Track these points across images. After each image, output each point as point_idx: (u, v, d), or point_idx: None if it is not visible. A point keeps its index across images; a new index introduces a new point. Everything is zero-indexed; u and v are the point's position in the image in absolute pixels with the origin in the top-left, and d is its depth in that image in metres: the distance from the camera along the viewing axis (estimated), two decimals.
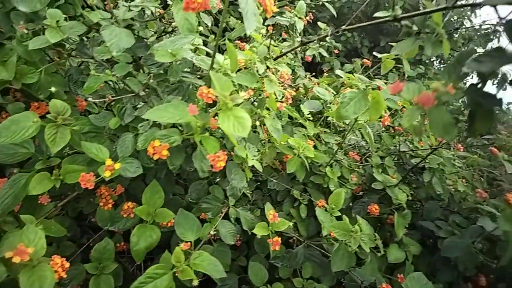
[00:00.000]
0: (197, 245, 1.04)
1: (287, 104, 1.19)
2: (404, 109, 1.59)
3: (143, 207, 1.00)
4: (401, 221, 1.26)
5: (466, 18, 3.13)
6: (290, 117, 1.56)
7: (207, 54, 1.00)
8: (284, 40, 2.17)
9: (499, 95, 0.52)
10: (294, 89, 1.79)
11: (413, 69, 2.58)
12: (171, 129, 0.83)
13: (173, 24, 1.10)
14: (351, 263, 1.01)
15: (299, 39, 2.13)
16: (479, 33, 3.12)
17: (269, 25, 1.06)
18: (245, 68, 1.00)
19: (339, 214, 1.22)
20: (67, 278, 1.09)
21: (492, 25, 3.13)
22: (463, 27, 3.05)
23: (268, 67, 1.00)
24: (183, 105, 0.78)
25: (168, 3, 1.33)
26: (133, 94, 0.89)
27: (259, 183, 1.42)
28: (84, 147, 0.88)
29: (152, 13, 0.95)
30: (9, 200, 0.85)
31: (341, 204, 1.22)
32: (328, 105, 1.57)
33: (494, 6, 0.56)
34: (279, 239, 1.11)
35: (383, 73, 1.59)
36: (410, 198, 1.35)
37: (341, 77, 1.37)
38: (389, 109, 1.68)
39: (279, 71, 1.12)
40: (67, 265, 0.77)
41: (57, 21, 0.84)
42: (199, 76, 1.04)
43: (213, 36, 1.09)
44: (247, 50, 1.00)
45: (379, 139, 1.68)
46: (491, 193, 1.57)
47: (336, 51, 2.71)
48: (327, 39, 2.09)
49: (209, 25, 1.21)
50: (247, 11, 0.76)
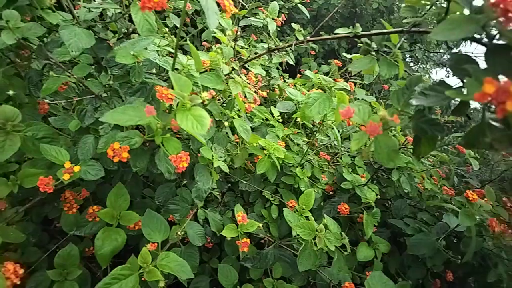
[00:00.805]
0: (165, 247, 1.03)
1: (255, 105, 1.19)
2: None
3: (107, 210, 0.99)
4: (370, 220, 1.28)
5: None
6: (267, 119, 1.57)
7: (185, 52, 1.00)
8: (261, 41, 2.18)
9: None
10: (267, 90, 1.80)
11: None
12: (132, 131, 0.82)
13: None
14: (318, 262, 1.02)
15: (272, 42, 2.15)
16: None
17: (237, 27, 1.06)
18: (211, 69, 1.00)
19: (309, 214, 1.23)
20: (32, 285, 1.06)
21: (441, 53, 3.21)
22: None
23: (233, 69, 1.00)
24: (143, 106, 0.77)
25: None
26: (93, 95, 0.87)
27: (230, 185, 1.41)
28: (42, 150, 0.86)
29: (114, 15, 0.93)
30: None
31: (311, 204, 1.23)
32: (300, 106, 1.58)
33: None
34: (248, 240, 1.11)
35: (354, 73, 1.61)
36: (379, 197, 1.37)
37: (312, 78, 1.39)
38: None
39: (249, 72, 1.12)
40: (21, 271, 0.75)
41: (8, 21, 0.82)
42: (165, 77, 1.03)
43: (173, 37, 1.08)
44: (212, 51, 1.00)
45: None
46: (460, 190, 1.61)
47: (312, 52, 2.74)
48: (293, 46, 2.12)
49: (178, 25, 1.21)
50: (208, 9, 0.76)
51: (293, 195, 1.38)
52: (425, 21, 0.74)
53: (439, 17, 0.61)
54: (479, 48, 0.52)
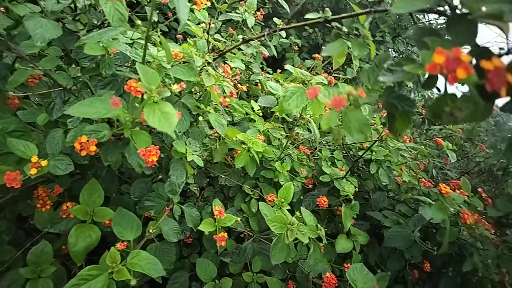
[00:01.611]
0: (139, 244, 1.02)
1: (232, 98, 1.18)
2: None
3: (79, 206, 0.97)
4: (348, 213, 1.29)
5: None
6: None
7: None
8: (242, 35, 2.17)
9: None
10: (247, 85, 1.79)
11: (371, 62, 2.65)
12: (100, 124, 0.80)
13: None
14: (298, 255, 1.02)
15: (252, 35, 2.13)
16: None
17: (216, 21, 1.05)
18: (185, 62, 0.99)
19: (288, 207, 1.23)
20: (5, 283, 1.04)
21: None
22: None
23: (208, 62, 0.99)
24: (110, 99, 0.76)
25: None
26: (61, 88, 0.85)
27: (209, 180, 1.41)
28: (10, 145, 0.84)
29: (84, 6, 0.91)
30: None
31: (290, 197, 1.24)
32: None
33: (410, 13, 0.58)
34: (226, 234, 1.11)
35: (335, 68, 1.62)
36: (357, 189, 1.38)
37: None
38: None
39: (225, 65, 1.11)
40: None
41: None
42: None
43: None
44: (185, 44, 0.99)
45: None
46: (439, 182, 1.63)
47: (296, 47, 2.74)
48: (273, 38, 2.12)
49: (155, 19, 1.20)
50: (178, 1, 0.75)
51: (273, 189, 1.38)
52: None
53: None
54: None
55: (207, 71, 0.91)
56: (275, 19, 2.11)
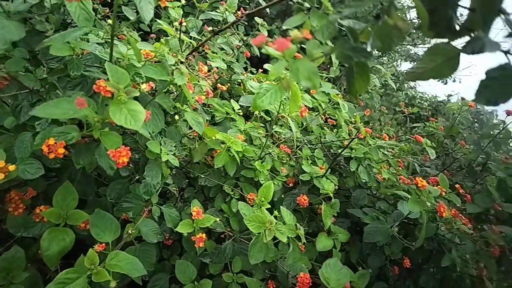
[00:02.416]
0: (118, 245, 1.00)
1: (208, 97, 1.17)
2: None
3: (52, 209, 0.95)
4: (328, 211, 1.30)
5: None
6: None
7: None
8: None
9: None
10: (228, 84, 1.79)
11: None
12: (69, 126, 0.79)
13: None
14: (279, 254, 1.02)
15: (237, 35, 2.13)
16: None
17: (182, 19, 1.03)
18: (158, 61, 0.97)
19: (269, 206, 1.23)
20: None
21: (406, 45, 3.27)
22: None
23: (181, 61, 0.98)
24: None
25: None
26: (28, 90, 0.83)
27: (189, 180, 1.39)
28: None
29: (51, 5, 0.89)
30: None
31: (270, 196, 1.23)
32: None
33: None
34: (204, 235, 1.10)
35: (319, 66, 1.61)
36: (337, 187, 1.39)
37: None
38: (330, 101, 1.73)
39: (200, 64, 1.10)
40: None
41: None
42: None
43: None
44: (157, 43, 0.98)
45: (321, 130, 1.73)
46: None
47: None
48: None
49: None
50: (140, 1, 0.74)
51: (254, 189, 1.38)
52: None
53: None
54: None
55: (179, 70, 0.90)
56: (256, 18, 2.11)
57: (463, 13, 0.49)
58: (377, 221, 1.30)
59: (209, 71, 1.56)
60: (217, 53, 1.82)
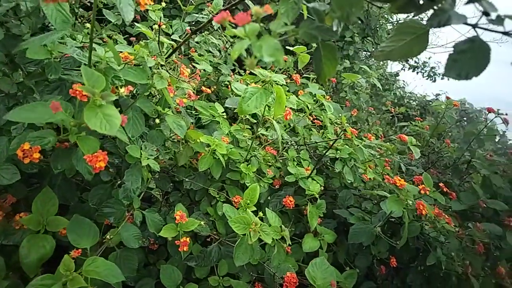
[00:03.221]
0: (98, 251, 0.99)
1: (191, 100, 1.17)
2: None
3: (31, 216, 0.94)
4: (314, 211, 1.30)
5: None
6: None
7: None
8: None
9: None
10: (214, 87, 1.78)
11: (341, 63, 2.69)
12: (45, 130, 0.78)
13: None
14: (256, 256, 1.02)
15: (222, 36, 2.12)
16: None
17: (161, 21, 1.03)
18: (137, 64, 0.97)
19: (255, 208, 1.22)
20: None
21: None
22: None
23: (162, 64, 0.98)
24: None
25: None
26: (3, 94, 0.82)
27: (174, 184, 1.38)
28: None
29: (27, 9, 0.88)
30: None
31: (256, 198, 1.23)
32: None
33: None
34: (188, 239, 1.09)
35: (301, 67, 1.62)
36: (322, 188, 1.39)
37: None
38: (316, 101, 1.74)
39: (181, 67, 1.10)
40: None
41: None
42: None
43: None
44: (137, 45, 0.97)
45: (307, 132, 1.73)
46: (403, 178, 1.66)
47: None
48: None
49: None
50: (120, 2, 0.73)
51: (240, 191, 1.37)
52: None
53: None
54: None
55: (159, 73, 0.90)
56: None
57: None
58: (362, 221, 1.31)
59: (193, 73, 1.56)
60: (203, 55, 1.81)
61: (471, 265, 1.39)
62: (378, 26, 3.01)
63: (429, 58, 4.93)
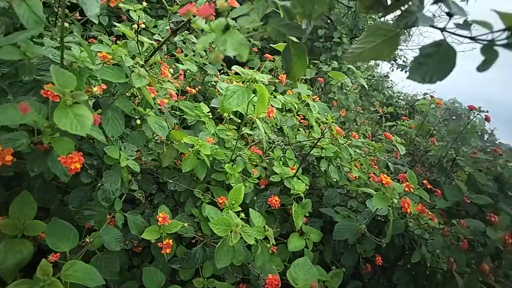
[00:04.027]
0: (77, 254, 0.97)
1: (173, 100, 1.16)
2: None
3: (7, 220, 0.91)
4: (299, 211, 1.29)
5: None
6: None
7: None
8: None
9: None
10: (199, 87, 1.77)
11: (329, 64, 2.70)
12: (18, 132, 0.76)
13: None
14: (240, 257, 1.01)
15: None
16: None
17: (139, 21, 1.01)
18: (116, 64, 0.95)
19: (240, 209, 1.21)
20: None
21: None
22: None
23: (142, 64, 0.96)
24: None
25: None
26: None
27: (158, 185, 1.37)
28: None
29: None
30: None
31: (240, 199, 1.22)
32: None
33: None
34: (171, 241, 1.08)
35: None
36: (310, 187, 1.39)
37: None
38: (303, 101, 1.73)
39: (162, 66, 1.09)
40: None
41: None
42: None
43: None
44: (114, 45, 0.95)
45: (295, 131, 1.73)
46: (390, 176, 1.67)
47: (255, 49, 2.74)
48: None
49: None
50: None
51: (225, 192, 1.36)
52: None
53: None
54: None
55: (137, 72, 0.88)
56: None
57: None
58: (346, 219, 1.30)
59: (177, 73, 1.54)
60: (187, 55, 1.80)
61: (456, 262, 1.40)
62: (366, 26, 3.03)
63: (419, 49, 4.95)
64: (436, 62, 0.45)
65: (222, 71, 2.51)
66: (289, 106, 1.72)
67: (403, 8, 0.46)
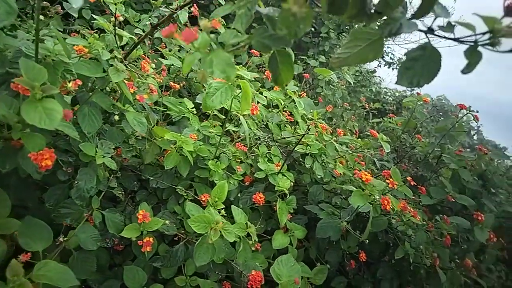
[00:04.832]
0: (52, 254, 0.94)
1: (153, 95, 1.13)
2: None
3: None
4: (284, 208, 1.28)
5: None
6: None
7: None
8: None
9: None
10: (183, 82, 1.75)
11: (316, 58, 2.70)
12: None
13: None
14: (221, 255, 1.00)
15: None
16: None
17: (117, 13, 0.99)
18: (93, 58, 0.92)
19: (223, 206, 1.20)
20: None
21: None
22: None
23: (121, 59, 0.94)
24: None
25: None
26: None
27: (141, 182, 1.34)
28: None
29: None
30: None
31: (224, 196, 1.20)
32: None
33: None
34: (151, 239, 1.06)
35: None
36: (295, 184, 1.38)
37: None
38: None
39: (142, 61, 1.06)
40: None
41: None
42: None
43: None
44: (91, 38, 0.92)
45: (282, 128, 1.72)
46: (376, 173, 1.67)
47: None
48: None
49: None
50: None
51: (209, 189, 1.34)
52: None
53: None
54: None
55: (115, 66, 0.86)
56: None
57: None
58: (329, 216, 1.30)
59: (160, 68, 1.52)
60: (171, 50, 1.77)
61: (439, 257, 1.41)
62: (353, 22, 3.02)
63: (404, 54, 4.99)
64: (422, 65, 0.46)
65: None
66: (276, 102, 1.71)
67: (387, 16, 0.46)
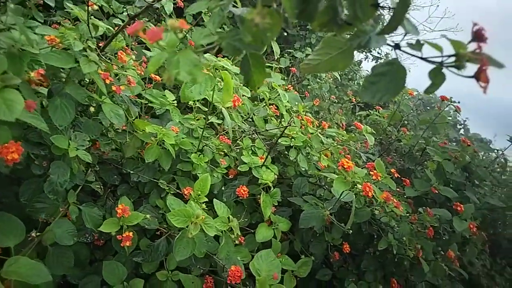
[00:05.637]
0: (25, 250, 0.91)
1: (130, 86, 1.10)
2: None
3: None
4: (268, 200, 1.27)
5: None
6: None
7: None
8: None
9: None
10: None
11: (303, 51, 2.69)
12: None
13: None
14: (202, 249, 0.98)
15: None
16: None
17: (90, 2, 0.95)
18: (65, 49, 0.89)
19: (206, 199, 1.18)
20: None
21: None
22: None
23: (95, 49, 0.91)
24: None
25: None
26: None
27: (122, 176, 1.32)
28: None
29: None
30: None
31: (207, 189, 1.18)
32: None
33: None
34: (131, 233, 1.04)
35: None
36: (280, 176, 1.37)
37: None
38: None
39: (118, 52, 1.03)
40: None
41: None
42: None
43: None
44: (63, 27, 0.89)
45: (262, 121, 1.70)
46: (361, 165, 1.67)
47: None
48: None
49: None
50: None
51: (192, 182, 1.32)
52: None
53: None
54: None
55: (87, 56, 0.83)
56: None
57: None
58: (312, 206, 1.30)
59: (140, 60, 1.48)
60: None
61: (423, 249, 1.42)
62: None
63: (391, 49, 5.01)
64: (388, 81, 0.45)
65: None
66: (262, 95, 1.69)
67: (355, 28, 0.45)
